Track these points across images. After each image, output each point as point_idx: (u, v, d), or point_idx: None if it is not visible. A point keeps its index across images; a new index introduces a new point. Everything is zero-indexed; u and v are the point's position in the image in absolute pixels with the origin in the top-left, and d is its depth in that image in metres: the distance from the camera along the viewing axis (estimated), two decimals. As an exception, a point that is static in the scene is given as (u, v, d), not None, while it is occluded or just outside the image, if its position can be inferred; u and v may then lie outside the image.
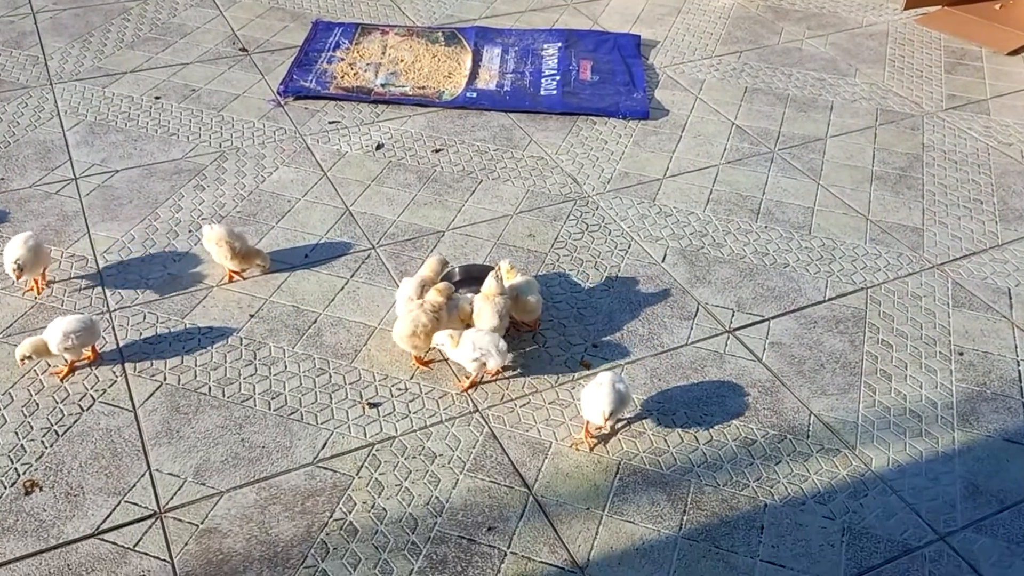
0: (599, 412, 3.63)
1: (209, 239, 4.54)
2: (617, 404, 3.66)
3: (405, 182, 5.41)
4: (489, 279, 4.13)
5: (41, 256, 4.39)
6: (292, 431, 3.83)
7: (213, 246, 4.53)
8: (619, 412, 3.72)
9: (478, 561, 3.35)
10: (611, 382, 3.68)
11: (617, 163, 5.66)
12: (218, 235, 4.51)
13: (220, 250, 4.51)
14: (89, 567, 3.27)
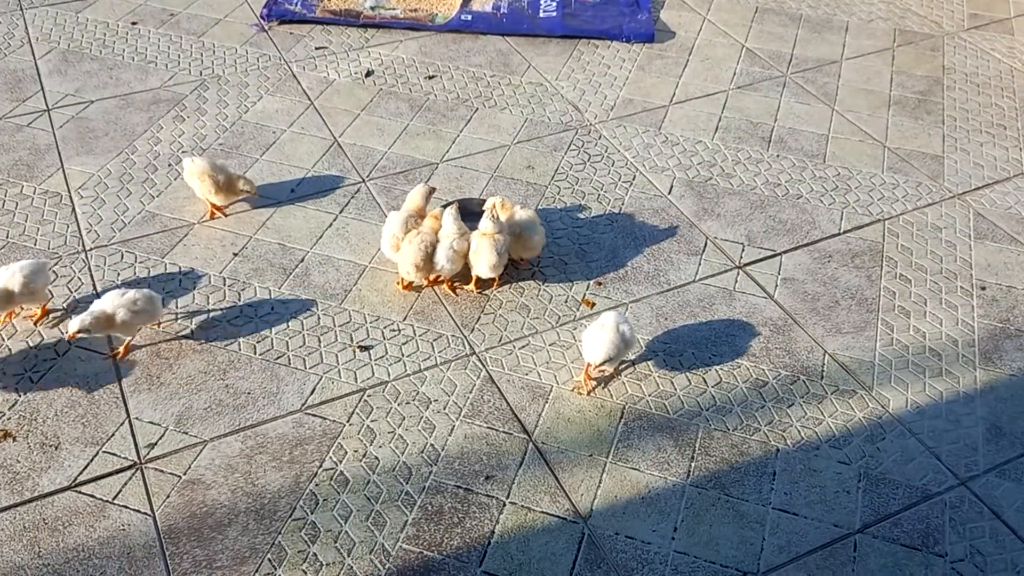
0: (602, 354, 3.43)
1: (191, 173, 4.28)
2: (621, 346, 3.45)
3: (397, 111, 5.11)
4: (485, 219, 3.89)
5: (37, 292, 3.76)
6: (279, 376, 3.63)
7: (195, 180, 4.27)
8: (623, 354, 3.51)
9: (475, 512, 3.19)
10: (615, 323, 3.46)
11: (620, 89, 5.35)
12: (200, 168, 4.24)
13: (203, 184, 4.25)
14: (66, 521, 3.11)
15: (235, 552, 3.04)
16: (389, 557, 3.04)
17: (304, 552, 3.05)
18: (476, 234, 3.91)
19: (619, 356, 3.48)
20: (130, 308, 3.57)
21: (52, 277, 3.90)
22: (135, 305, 3.58)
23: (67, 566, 2.98)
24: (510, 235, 3.92)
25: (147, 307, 3.62)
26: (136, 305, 3.58)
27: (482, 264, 3.84)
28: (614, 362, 3.49)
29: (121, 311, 3.55)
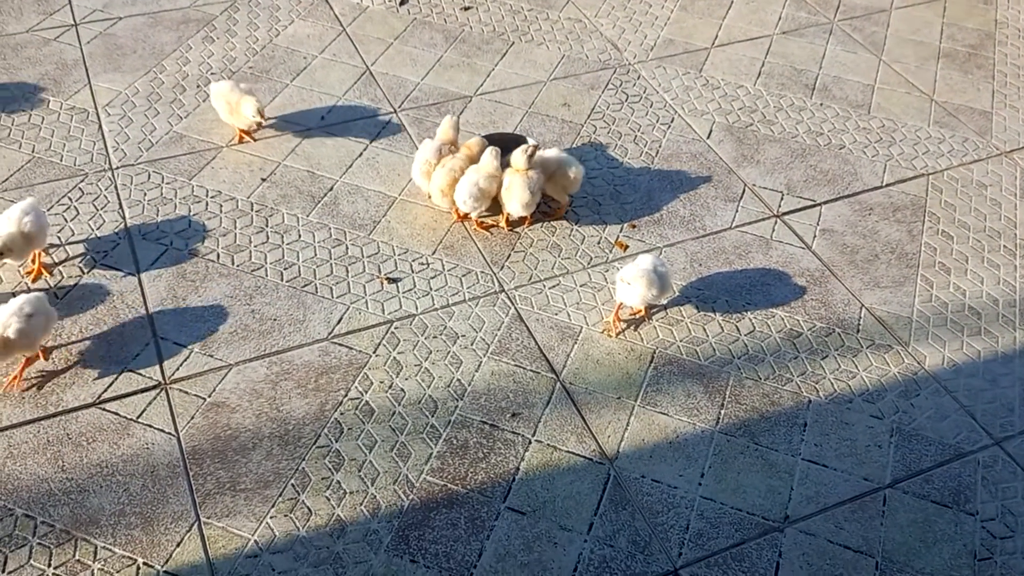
0: (637, 296, 3.36)
1: (218, 96, 4.19)
2: (657, 289, 3.38)
3: (431, 41, 4.98)
4: (517, 153, 3.79)
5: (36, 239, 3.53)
6: (306, 304, 3.59)
7: (222, 103, 4.18)
8: (658, 298, 3.44)
9: (500, 448, 3.15)
10: (652, 265, 3.39)
11: (661, 29, 5.19)
12: (228, 90, 4.16)
13: (220, 105, 4.16)
14: (90, 437, 3.09)
15: (259, 476, 3.02)
16: (413, 488, 3.02)
17: (328, 479, 3.03)
18: (508, 171, 3.82)
19: (656, 298, 3.41)
20: (18, 315, 3.14)
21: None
22: (22, 311, 3.15)
23: (90, 481, 2.97)
24: (545, 173, 3.83)
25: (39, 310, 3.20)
26: (23, 311, 3.16)
27: (514, 202, 3.75)
28: (650, 302, 3.43)
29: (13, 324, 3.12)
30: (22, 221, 3.45)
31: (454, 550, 2.87)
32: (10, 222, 3.46)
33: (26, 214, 3.48)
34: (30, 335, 3.15)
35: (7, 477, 2.96)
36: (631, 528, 2.95)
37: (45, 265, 3.63)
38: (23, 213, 3.48)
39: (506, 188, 3.79)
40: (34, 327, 3.16)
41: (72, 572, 2.74)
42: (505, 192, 3.78)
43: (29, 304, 3.19)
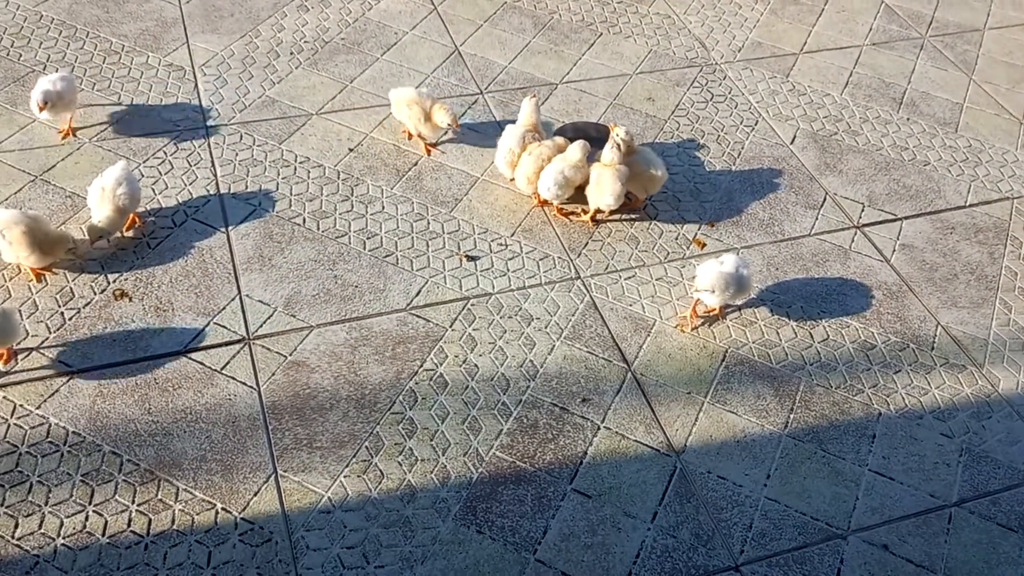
0: (717, 293, 3.39)
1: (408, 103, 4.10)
2: (736, 288, 3.40)
3: (520, 26, 5.03)
4: (608, 149, 3.81)
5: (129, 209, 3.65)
6: (386, 274, 3.66)
7: (415, 110, 4.08)
8: (736, 298, 3.47)
9: (570, 431, 3.20)
10: (735, 264, 3.41)
11: (750, 31, 5.18)
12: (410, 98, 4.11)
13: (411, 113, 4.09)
14: (176, 384, 3.20)
15: (335, 435, 3.11)
16: (482, 462, 3.09)
17: (401, 445, 3.11)
18: (596, 165, 3.85)
19: (734, 297, 3.44)
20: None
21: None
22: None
23: (175, 425, 3.08)
24: (631, 170, 3.85)
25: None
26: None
27: (606, 195, 3.77)
28: (727, 301, 3.48)
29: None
30: (117, 193, 3.54)
31: (520, 525, 2.93)
32: (106, 200, 3.53)
33: (119, 184, 3.55)
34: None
35: (96, 414, 3.08)
36: (695, 521, 2.99)
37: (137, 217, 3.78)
38: (116, 184, 3.55)
39: (595, 182, 3.80)
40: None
41: (154, 510, 2.85)
42: (595, 186, 3.80)
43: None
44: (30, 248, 3.36)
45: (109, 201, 3.53)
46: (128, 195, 3.56)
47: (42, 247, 3.39)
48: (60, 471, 2.92)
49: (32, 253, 3.37)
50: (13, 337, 3.17)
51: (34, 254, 3.38)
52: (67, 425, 3.04)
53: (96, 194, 3.56)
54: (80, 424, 3.05)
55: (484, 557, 2.84)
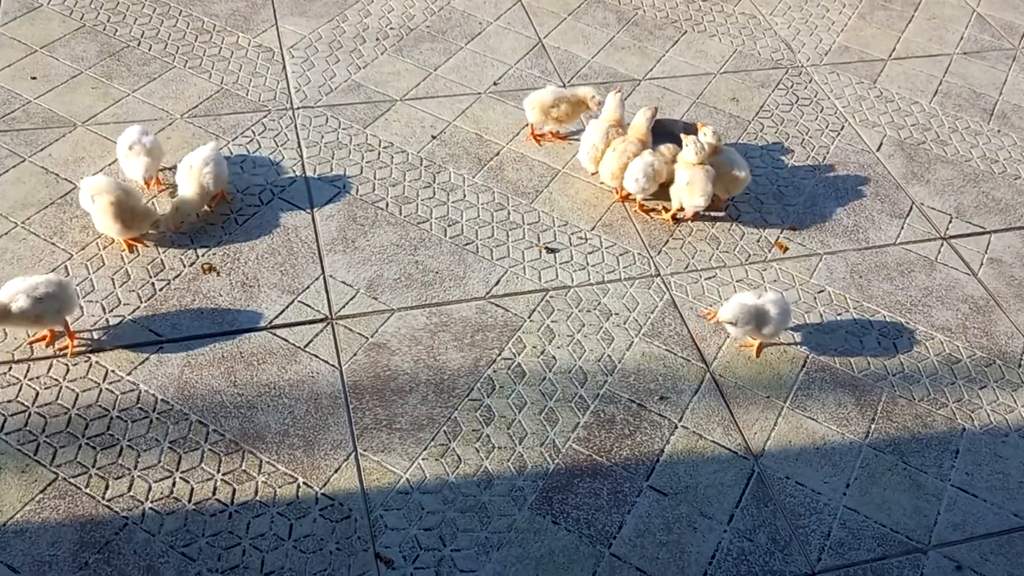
0: (739, 326, 3.30)
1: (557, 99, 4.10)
2: (759, 323, 3.29)
3: (604, 21, 5.01)
4: (692, 148, 3.78)
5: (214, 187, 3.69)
6: (466, 262, 3.69)
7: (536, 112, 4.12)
8: (762, 334, 3.35)
9: (647, 428, 3.20)
10: (768, 299, 3.31)
11: (838, 35, 5.10)
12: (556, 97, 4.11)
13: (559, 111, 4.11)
14: (261, 358, 3.26)
15: (414, 418, 3.14)
16: (559, 453, 3.09)
17: (478, 432, 3.13)
18: (684, 164, 3.80)
19: (754, 332, 3.34)
20: (31, 295, 3.07)
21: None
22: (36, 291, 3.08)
23: (259, 399, 3.14)
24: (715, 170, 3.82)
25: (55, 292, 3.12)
26: (37, 291, 3.08)
27: (696, 195, 3.72)
28: (741, 330, 3.33)
29: (21, 298, 3.06)
30: (203, 172, 3.60)
31: (595, 518, 2.93)
32: (192, 178, 3.59)
33: (206, 164, 3.61)
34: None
35: (184, 384, 3.15)
36: (772, 526, 2.96)
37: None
38: (204, 163, 3.61)
39: (687, 182, 3.76)
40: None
41: (238, 480, 2.91)
42: (685, 185, 3.76)
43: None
44: (114, 218, 3.44)
45: (195, 179, 3.60)
46: (214, 175, 3.62)
47: (125, 219, 3.46)
48: (149, 437, 3.00)
49: (116, 223, 3.45)
50: (73, 305, 3.20)
51: (117, 224, 3.46)
52: (156, 393, 3.11)
53: (184, 171, 3.64)
54: (168, 392, 3.12)
55: (559, 548, 2.85)
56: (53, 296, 3.09)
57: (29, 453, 2.91)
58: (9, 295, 3.06)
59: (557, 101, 4.10)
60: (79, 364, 3.17)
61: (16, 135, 3.96)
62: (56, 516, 2.77)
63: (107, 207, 3.42)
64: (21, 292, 3.04)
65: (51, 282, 3.10)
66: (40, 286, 3.07)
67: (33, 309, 3.04)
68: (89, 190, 3.46)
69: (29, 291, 3.05)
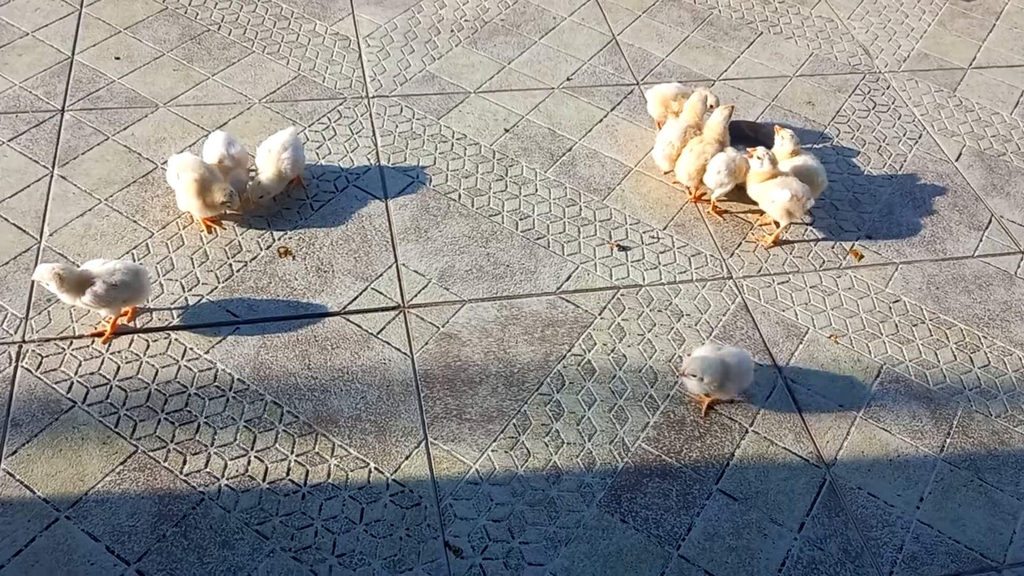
0: (705, 381, 3.08)
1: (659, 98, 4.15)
2: (723, 379, 3.08)
3: (678, 19, 4.98)
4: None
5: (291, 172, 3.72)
6: (537, 256, 3.69)
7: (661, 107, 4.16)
8: (725, 391, 3.14)
9: (717, 431, 3.17)
10: (730, 353, 3.12)
11: (917, 41, 5.01)
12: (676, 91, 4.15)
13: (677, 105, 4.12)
14: (335, 343, 3.30)
15: (483, 409, 3.15)
16: (628, 452, 3.09)
17: (547, 426, 3.13)
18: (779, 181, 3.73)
19: (719, 389, 3.12)
20: (107, 280, 3.10)
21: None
22: (112, 277, 3.11)
23: (332, 383, 3.17)
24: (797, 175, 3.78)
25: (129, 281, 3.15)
26: (114, 277, 3.11)
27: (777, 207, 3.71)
28: (704, 384, 3.10)
29: (97, 282, 3.10)
30: (281, 157, 3.64)
31: (664, 519, 2.92)
32: (270, 162, 3.63)
33: (284, 149, 3.64)
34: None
35: (260, 364, 3.20)
36: (843, 536, 2.92)
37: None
38: (282, 148, 3.64)
39: (791, 203, 3.68)
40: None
41: (311, 462, 2.95)
42: (787, 208, 3.69)
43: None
44: (195, 196, 3.49)
45: (273, 164, 3.64)
46: (291, 160, 3.66)
47: (205, 199, 3.52)
48: (225, 415, 3.05)
49: (195, 201, 3.51)
50: (143, 296, 3.25)
51: (196, 202, 3.51)
52: (233, 372, 3.16)
53: (263, 155, 3.68)
54: (245, 372, 3.17)
55: (628, 546, 2.84)
56: (127, 285, 3.14)
57: (110, 425, 2.98)
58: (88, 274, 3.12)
59: (678, 96, 4.10)
60: (159, 340, 3.24)
61: (100, 113, 4.05)
62: (135, 488, 2.83)
63: (190, 184, 3.48)
64: (98, 276, 3.11)
65: (128, 270, 3.15)
66: (117, 272, 3.12)
67: (107, 295, 3.10)
68: (175, 167, 3.52)
69: (106, 275, 3.11)
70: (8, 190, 3.67)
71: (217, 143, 3.67)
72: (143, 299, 3.26)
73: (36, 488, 2.80)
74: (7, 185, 3.69)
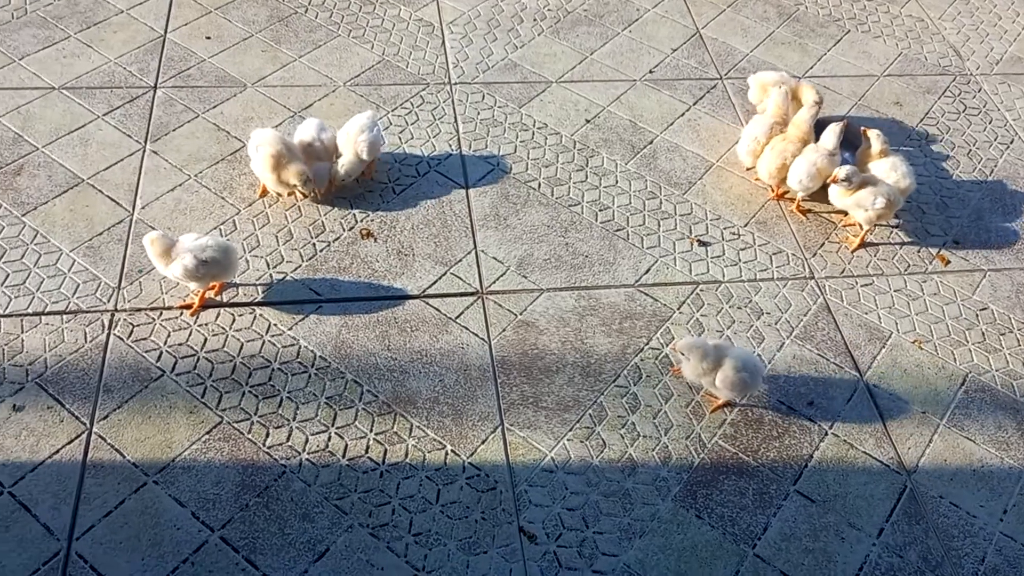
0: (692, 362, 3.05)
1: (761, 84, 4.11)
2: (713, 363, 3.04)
3: (763, 14, 4.91)
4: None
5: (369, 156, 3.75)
6: (616, 248, 3.68)
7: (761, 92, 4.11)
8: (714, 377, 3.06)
9: (795, 432, 3.14)
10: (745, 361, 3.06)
11: (1010, 44, 4.87)
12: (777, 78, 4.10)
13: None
14: (414, 325, 3.33)
15: (560, 398, 3.16)
16: (704, 448, 3.07)
17: (623, 418, 3.13)
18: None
19: (708, 374, 3.06)
20: (198, 255, 3.18)
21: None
22: (204, 253, 3.19)
23: (411, 364, 3.21)
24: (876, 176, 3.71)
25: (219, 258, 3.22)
26: (205, 253, 3.19)
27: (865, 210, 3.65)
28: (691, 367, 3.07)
29: (188, 257, 3.17)
30: (358, 140, 3.67)
31: (739, 517, 2.90)
32: (348, 145, 3.67)
33: (362, 132, 3.68)
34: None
35: (341, 343, 3.25)
36: (923, 545, 2.87)
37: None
38: (360, 131, 3.68)
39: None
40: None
41: (390, 441, 2.99)
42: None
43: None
44: (270, 170, 3.56)
45: (351, 146, 3.68)
46: (367, 143, 3.69)
47: (280, 174, 3.57)
48: (307, 391, 3.10)
49: (271, 175, 3.57)
50: (231, 272, 3.31)
51: (272, 176, 3.58)
52: (315, 349, 3.22)
53: (342, 137, 3.73)
54: (326, 350, 3.22)
55: (702, 542, 2.83)
56: (216, 262, 3.20)
57: (197, 395, 3.05)
58: (181, 247, 3.20)
59: (779, 83, 4.05)
60: (244, 315, 3.31)
61: (191, 91, 4.14)
62: (220, 458, 2.90)
63: (267, 159, 3.54)
64: (189, 251, 3.17)
65: (219, 247, 3.22)
66: (208, 249, 3.19)
67: (196, 270, 3.17)
68: (256, 140, 3.59)
69: (197, 251, 3.18)
70: (103, 163, 3.78)
71: (310, 127, 3.73)
72: (231, 275, 3.33)
73: (126, 452, 2.89)
74: (102, 158, 3.80)
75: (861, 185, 3.62)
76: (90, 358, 3.12)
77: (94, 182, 3.70)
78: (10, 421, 2.93)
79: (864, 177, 3.65)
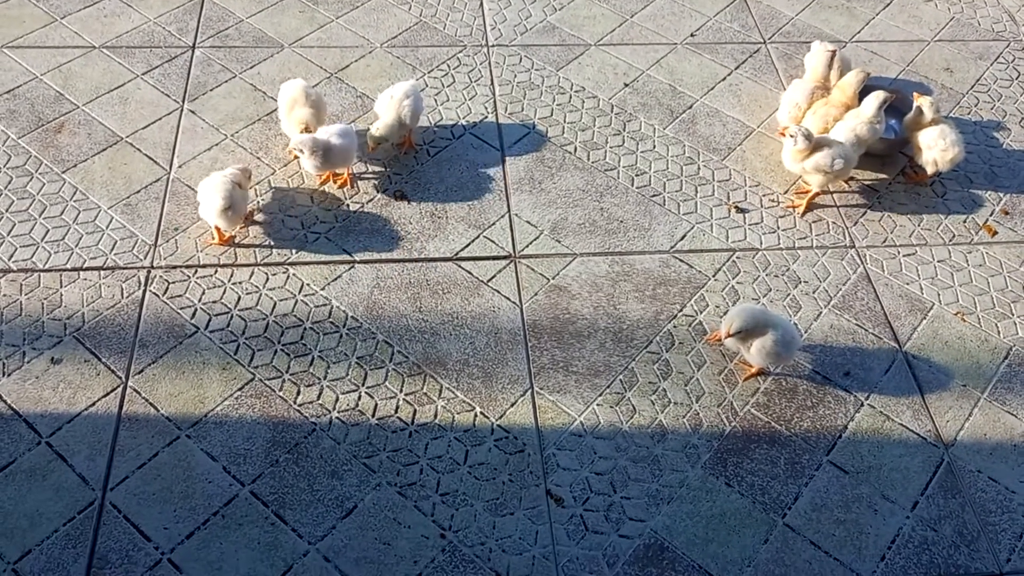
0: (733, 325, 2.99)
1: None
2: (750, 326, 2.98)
3: (811, -23, 4.78)
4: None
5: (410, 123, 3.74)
6: (652, 214, 3.63)
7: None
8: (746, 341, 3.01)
9: (830, 402, 3.08)
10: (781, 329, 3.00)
11: (1070, 8, 4.69)
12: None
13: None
14: (446, 288, 3.32)
15: (590, 363, 3.14)
16: (736, 416, 3.03)
17: (654, 384, 3.10)
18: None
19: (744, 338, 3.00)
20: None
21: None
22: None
23: (442, 326, 3.21)
24: (922, 142, 3.60)
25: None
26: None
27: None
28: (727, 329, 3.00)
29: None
30: (402, 104, 3.64)
31: (770, 486, 2.86)
32: (391, 109, 3.63)
33: (407, 97, 3.64)
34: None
35: (373, 304, 3.25)
36: (959, 519, 2.81)
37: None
38: (404, 96, 3.64)
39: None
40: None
41: (419, 402, 2.99)
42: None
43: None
44: (287, 114, 3.67)
45: (394, 110, 3.66)
46: (411, 109, 3.66)
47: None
48: (338, 350, 3.11)
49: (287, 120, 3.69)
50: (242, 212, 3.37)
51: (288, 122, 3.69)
52: (347, 310, 3.23)
53: (384, 101, 3.70)
54: (358, 311, 3.23)
55: (731, 510, 2.80)
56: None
57: (230, 352, 3.08)
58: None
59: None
60: (277, 274, 3.32)
61: (229, 51, 4.14)
62: (252, 414, 2.93)
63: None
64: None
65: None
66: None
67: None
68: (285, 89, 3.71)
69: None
70: (141, 121, 3.80)
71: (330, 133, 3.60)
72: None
73: (160, 406, 2.93)
74: (140, 117, 3.82)
75: (816, 148, 3.51)
76: (126, 314, 3.16)
77: (132, 140, 3.73)
78: (48, 373, 2.98)
79: (819, 139, 3.55)
